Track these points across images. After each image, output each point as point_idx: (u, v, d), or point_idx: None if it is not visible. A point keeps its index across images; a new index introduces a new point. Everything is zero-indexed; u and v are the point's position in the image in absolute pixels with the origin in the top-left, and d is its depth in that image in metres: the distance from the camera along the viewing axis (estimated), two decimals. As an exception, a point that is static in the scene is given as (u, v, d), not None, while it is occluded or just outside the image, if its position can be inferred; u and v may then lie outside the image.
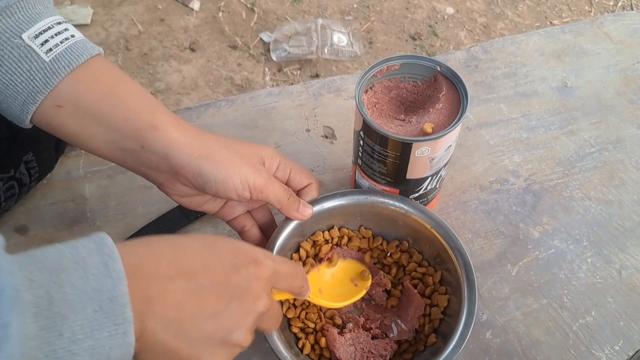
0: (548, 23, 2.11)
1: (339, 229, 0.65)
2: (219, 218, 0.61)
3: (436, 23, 2.09)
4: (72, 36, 0.50)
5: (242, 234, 0.61)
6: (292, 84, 0.86)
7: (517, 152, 0.79)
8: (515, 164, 0.77)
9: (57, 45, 0.49)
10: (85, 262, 0.35)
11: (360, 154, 0.63)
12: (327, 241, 0.65)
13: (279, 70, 1.90)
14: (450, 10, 2.14)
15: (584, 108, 0.84)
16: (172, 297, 0.39)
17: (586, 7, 2.18)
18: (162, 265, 0.40)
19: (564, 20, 2.12)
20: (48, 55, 0.48)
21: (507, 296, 0.66)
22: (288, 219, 0.60)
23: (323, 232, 0.65)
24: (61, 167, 0.74)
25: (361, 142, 0.61)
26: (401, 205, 0.63)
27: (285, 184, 0.59)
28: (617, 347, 0.63)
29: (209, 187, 0.52)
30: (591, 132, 0.81)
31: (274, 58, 1.91)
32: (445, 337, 0.56)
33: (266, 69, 1.90)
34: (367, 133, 0.59)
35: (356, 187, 0.69)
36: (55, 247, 0.36)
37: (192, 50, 1.94)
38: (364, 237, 0.66)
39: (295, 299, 0.61)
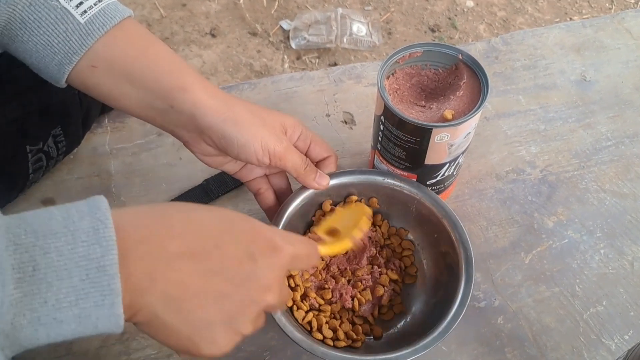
0: (568, 19, 2.10)
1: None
2: (237, 178, 0.62)
3: (455, 16, 2.09)
4: None
5: (257, 196, 0.63)
6: (310, 71, 0.87)
7: (534, 143, 0.80)
8: (532, 155, 0.78)
9: (91, 7, 0.50)
10: (75, 226, 0.34)
11: (379, 138, 0.64)
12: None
13: (298, 58, 1.91)
14: (470, 3, 2.13)
15: (602, 102, 0.85)
16: (177, 275, 0.38)
17: (607, 4, 2.17)
18: (171, 243, 0.38)
19: (584, 16, 2.11)
20: (83, 17, 0.49)
21: (519, 283, 0.67)
22: (303, 188, 0.62)
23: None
24: (88, 143, 0.76)
25: (381, 127, 0.62)
26: (416, 192, 0.64)
27: (305, 154, 0.60)
28: (627, 337, 0.64)
29: (231, 149, 0.54)
30: (608, 126, 0.82)
31: (293, 46, 1.92)
32: (434, 325, 0.56)
33: (285, 57, 1.91)
34: (388, 118, 0.60)
35: (374, 172, 0.70)
36: (48, 209, 0.35)
37: (213, 35, 1.95)
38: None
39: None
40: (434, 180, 0.66)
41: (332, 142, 0.79)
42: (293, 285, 0.61)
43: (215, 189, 0.71)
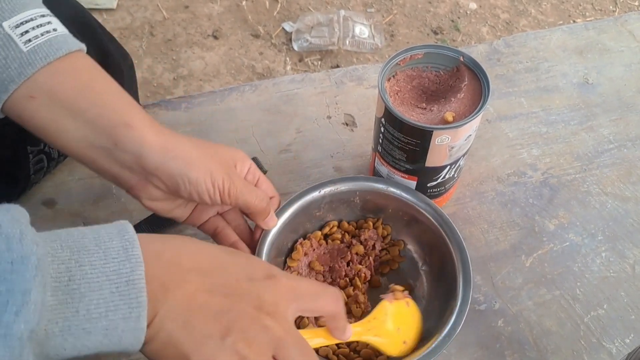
0: (571, 21, 2.09)
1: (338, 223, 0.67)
2: (190, 225, 0.60)
3: (458, 18, 2.09)
4: (55, 30, 0.50)
5: (215, 237, 0.60)
6: (312, 73, 0.88)
7: (536, 146, 0.79)
8: (533, 158, 0.78)
9: (37, 37, 0.48)
10: (106, 245, 0.37)
11: (380, 140, 0.64)
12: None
13: (300, 60, 1.91)
14: (473, 5, 2.13)
15: (604, 105, 0.85)
16: (187, 288, 0.40)
17: (610, 7, 2.17)
18: (183, 258, 0.41)
19: (588, 19, 2.11)
20: (27, 45, 0.47)
21: (520, 286, 0.67)
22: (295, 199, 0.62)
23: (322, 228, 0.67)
24: (88, 144, 0.76)
25: (382, 129, 0.62)
26: (412, 199, 0.64)
27: None
28: (628, 340, 0.63)
29: (182, 188, 0.51)
30: (610, 129, 0.82)
31: (295, 48, 1.92)
32: (436, 329, 0.56)
33: (287, 59, 1.91)
34: (389, 120, 0.60)
35: (375, 174, 0.70)
36: (78, 229, 0.37)
37: (215, 37, 1.95)
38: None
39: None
40: (434, 183, 0.65)
41: (333, 144, 0.79)
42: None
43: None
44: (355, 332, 0.52)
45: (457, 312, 0.55)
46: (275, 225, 0.60)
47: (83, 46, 0.52)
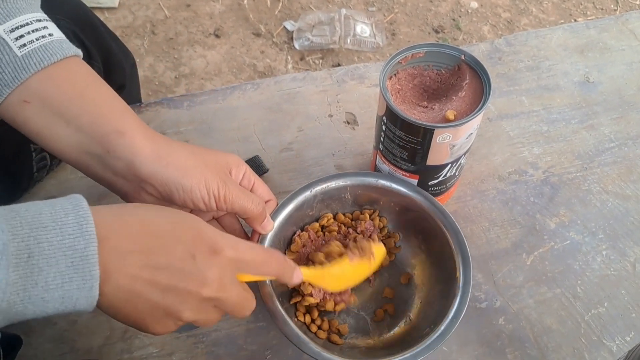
0: (573, 20, 2.09)
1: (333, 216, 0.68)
2: None
3: (460, 17, 2.09)
4: (50, 35, 0.50)
5: None
6: (313, 72, 0.88)
7: (537, 145, 0.80)
8: (534, 156, 0.78)
9: (32, 41, 0.48)
10: (62, 221, 0.38)
11: (382, 139, 0.64)
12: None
13: (302, 59, 1.91)
14: (474, 4, 2.13)
15: (605, 103, 0.85)
16: (128, 269, 0.41)
17: (612, 6, 2.16)
18: (126, 243, 0.42)
19: (589, 17, 2.11)
20: (21, 50, 0.48)
21: (521, 284, 0.67)
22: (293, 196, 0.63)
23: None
24: (91, 142, 0.76)
25: (383, 127, 0.63)
26: (413, 194, 0.64)
27: None
28: (628, 338, 0.64)
29: (176, 196, 0.51)
30: (611, 127, 0.82)
31: (296, 47, 1.92)
32: (435, 324, 0.57)
33: (289, 57, 1.91)
34: (390, 118, 0.60)
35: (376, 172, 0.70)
36: (35, 204, 0.39)
37: (217, 36, 1.96)
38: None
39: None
40: (435, 181, 0.66)
41: (335, 142, 0.79)
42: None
43: None
44: (305, 274, 0.55)
45: (459, 299, 0.56)
46: (272, 230, 0.60)
47: (79, 52, 0.52)
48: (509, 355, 0.62)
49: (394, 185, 0.65)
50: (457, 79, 0.63)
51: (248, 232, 0.62)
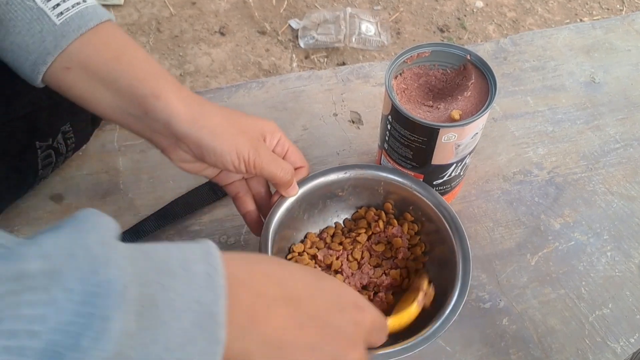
0: (578, 20, 2.09)
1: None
2: (216, 182, 0.61)
3: (465, 16, 2.08)
4: (84, 1, 0.51)
5: (235, 200, 0.62)
6: (318, 71, 0.88)
7: (542, 145, 0.79)
8: (539, 156, 0.78)
9: (68, 9, 0.50)
10: (191, 269, 0.35)
11: (387, 138, 0.64)
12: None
13: (306, 57, 1.91)
14: (479, 3, 2.13)
15: (611, 104, 0.85)
16: (277, 319, 0.39)
17: (617, 5, 2.16)
18: (270, 286, 0.39)
19: (595, 17, 2.10)
20: (59, 18, 0.49)
21: (525, 285, 0.67)
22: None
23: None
24: (96, 140, 0.76)
25: (389, 127, 0.63)
26: (416, 188, 0.64)
27: None
28: (633, 340, 0.64)
29: (207, 158, 0.53)
30: (617, 128, 0.82)
31: (301, 45, 1.92)
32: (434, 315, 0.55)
33: (293, 56, 1.91)
34: (395, 117, 0.60)
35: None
36: (164, 246, 0.36)
37: (222, 34, 1.96)
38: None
39: None
40: (440, 181, 0.66)
41: (339, 141, 0.79)
42: None
43: (221, 188, 0.72)
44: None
45: (458, 289, 0.56)
46: (295, 195, 0.61)
47: (112, 16, 0.53)
48: (513, 355, 0.62)
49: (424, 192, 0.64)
50: (463, 78, 0.63)
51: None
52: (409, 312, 0.55)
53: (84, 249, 0.31)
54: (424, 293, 0.57)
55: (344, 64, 1.90)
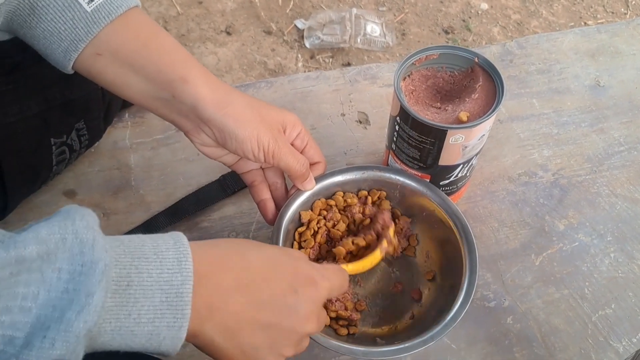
0: (582, 23, 2.09)
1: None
2: (234, 170, 0.63)
3: (470, 18, 2.09)
4: None
5: (251, 188, 0.63)
6: (326, 71, 0.89)
7: (547, 147, 0.80)
8: (544, 158, 0.79)
9: None
10: (163, 255, 0.39)
11: (394, 139, 0.65)
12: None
13: (312, 57, 1.92)
14: (484, 5, 2.14)
15: (616, 107, 0.85)
16: (232, 307, 0.43)
17: (622, 9, 2.16)
18: (228, 279, 0.43)
19: (599, 21, 2.11)
20: (90, 5, 0.50)
21: (529, 285, 0.68)
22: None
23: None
24: (109, 137, 0.77)
25: (397, 128, 0.64)
26: (422, 188, 0.65)
27: None
28: (635, 340, 0.65)
29: (229, 144, 0.55)
30: (621, 131, 0.83)
31: (307, 45, 1.93)
32: (442, 312, 0.57)
33: (299, 56, 1.92)
34: (404, 118, 0.61)
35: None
36: (138, 236, 0.40)
37: (228, 33, 1.97)
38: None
39: None
40: (447, 181, 0.67)
41: (347, 141, 0.80)
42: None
43: (231, 185, 0.73)
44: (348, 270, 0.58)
45: (462, 296, 0.57)
46: (311, 189, 0.63)
47: (139, 2, 0.54)
48: (517, 354, 0.63)
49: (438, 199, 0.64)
50: (470, 80, 0.64)
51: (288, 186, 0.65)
52: (372, 258, 0.61)
53: (73, 234, 0.35)
54: (388, 241, 0.62)
55: (349, 64, 1.90)
